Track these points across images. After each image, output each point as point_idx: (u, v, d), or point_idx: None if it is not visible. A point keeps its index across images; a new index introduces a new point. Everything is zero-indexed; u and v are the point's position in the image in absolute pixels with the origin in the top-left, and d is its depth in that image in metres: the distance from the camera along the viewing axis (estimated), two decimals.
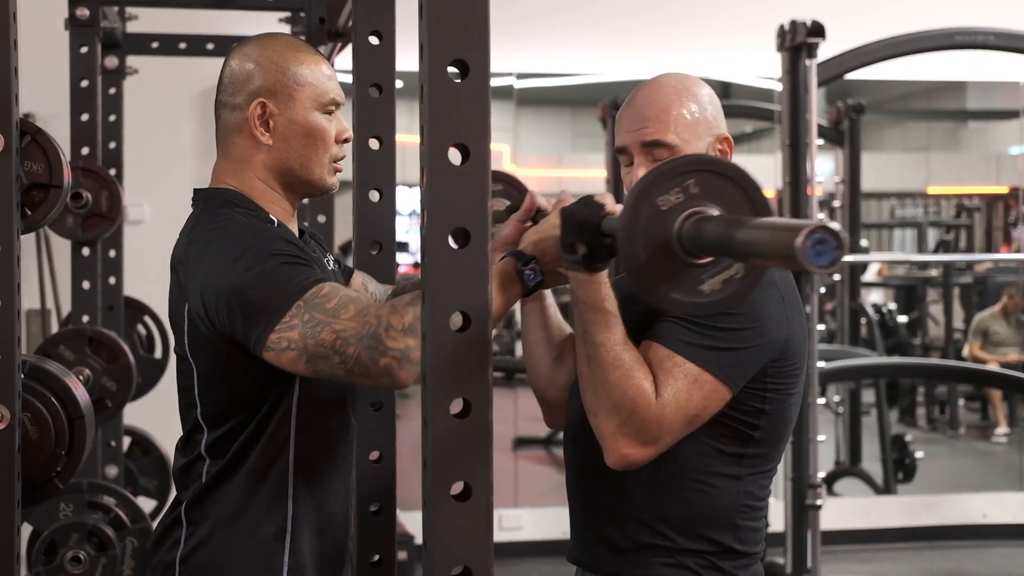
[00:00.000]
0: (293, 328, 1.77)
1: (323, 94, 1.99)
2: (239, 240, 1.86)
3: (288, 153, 1.99)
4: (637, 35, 6.72)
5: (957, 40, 5.14)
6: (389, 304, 1.75)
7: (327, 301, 1.77)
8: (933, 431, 9.93)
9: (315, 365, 1.78)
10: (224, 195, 2.00)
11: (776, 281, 1.98)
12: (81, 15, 3.48)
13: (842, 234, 1.14)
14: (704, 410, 1.90)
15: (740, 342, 1.91)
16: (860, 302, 7.85)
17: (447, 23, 1.27)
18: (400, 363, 1.72)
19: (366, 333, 1.73)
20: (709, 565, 1.99)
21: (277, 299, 1.78)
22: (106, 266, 3.76)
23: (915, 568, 6.11)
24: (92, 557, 3.13)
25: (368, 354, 1.73)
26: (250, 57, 2.00)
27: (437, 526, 1.30)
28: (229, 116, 2.01)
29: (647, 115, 2.03)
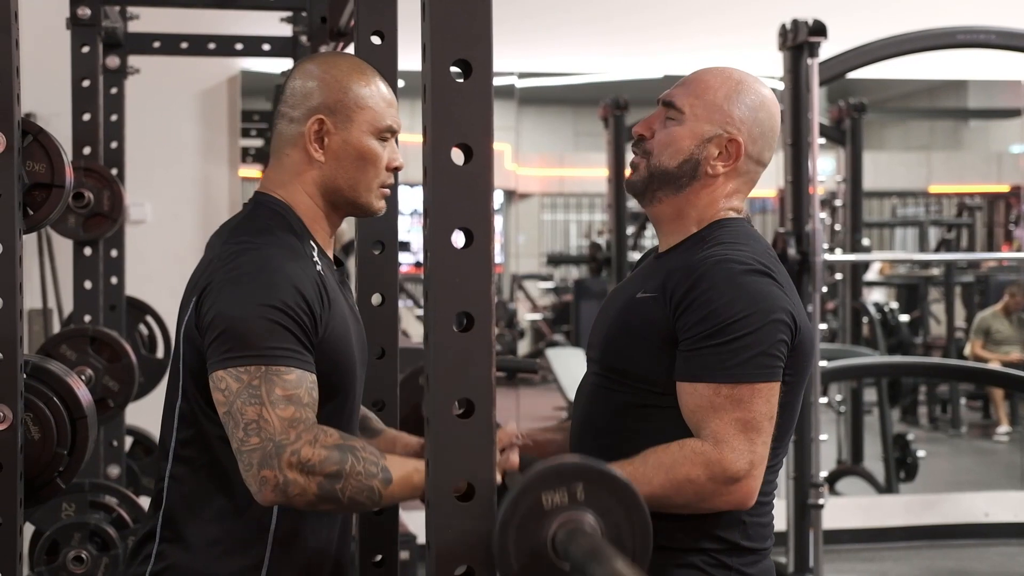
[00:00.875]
0: (239, 381, 1.79)
1: (380, 119, 1.98)
2: (262, 270, 1.86)
3: (338, 173, 1.98)
4: (639, 34, 6.72)
5: (958, 39, 5.13)
6: (315, 433, 1.76)
7: (281, 386, 1.78)
8: (935, 430, 9.93)
9: (226, 422, 1.81)
10: (276, 205, 1.99)
11: (768, 271, 1.98)
12: (82, 15, 3.48)
13: None
14: (772, 411, 1.94)
15: (766, 339, 1.93)
16: (862, 301, 7.84)
17: (449, 23, 1.27)
18: (273, 487, 1.74)
19: (277, 440, 1.75)
20: (717, 563, 1.99)
21: (249, 348, 1.80)
22: (108, 266, 3.76)
23: (917, 567, 6.11)
24: (94, 557, 3.13)
25: (260, 456, 1.75)
26: (314, 74, 2.00)
27: (440, 526, 1.30)
28: (286, 128, 2.00)
29: (688, 81, 2.09)
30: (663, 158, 2.06)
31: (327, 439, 1.76)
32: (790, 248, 4.69)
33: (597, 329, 2.15)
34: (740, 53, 6.80)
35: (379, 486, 1.75)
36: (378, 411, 2.19)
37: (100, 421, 3.10)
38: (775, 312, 1.94)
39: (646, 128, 2.09)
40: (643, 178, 2.08)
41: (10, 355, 1.94)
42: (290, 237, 1.94)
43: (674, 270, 2.00)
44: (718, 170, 2.06)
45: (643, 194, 2.10)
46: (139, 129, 4.71)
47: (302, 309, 1.84)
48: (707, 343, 1.92)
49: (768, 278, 1.97)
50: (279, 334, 1.81)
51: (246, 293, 1.83)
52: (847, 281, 7.47)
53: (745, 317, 1.92)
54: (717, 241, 2.03)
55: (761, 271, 1.97)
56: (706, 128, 2.05)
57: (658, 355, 1.99)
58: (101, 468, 3.73)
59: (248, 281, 1.84)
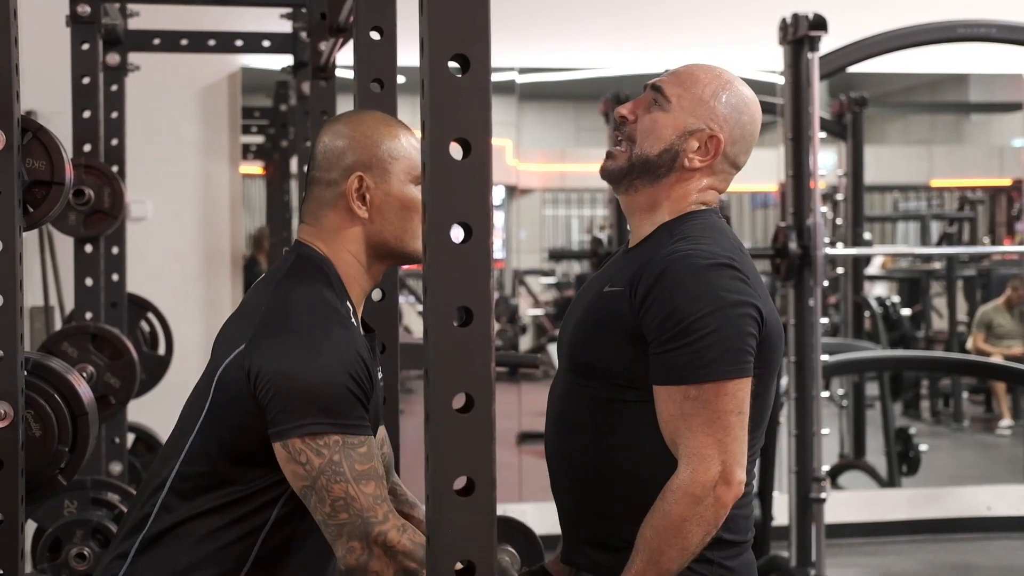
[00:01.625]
0: (320, 455, 1.81)
1: (415, 167, 2.00)
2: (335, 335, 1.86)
3: (384, 226, 1.99)
4: (640, 29, 6.72)
5: (959, 33, 5.13)
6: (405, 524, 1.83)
7: (360, 461, 1.82)
8: (937, 424, 9.93)
9: (307, 495, 1.83)
10: (319, 261, 1.99)
11: (733, 264, 1.97)
12: (82, 12, 3.48)
13: None
14: (742, 404, 1.94)
15: (732, 334, 1.92)
16: (863, 295, 7.84)
17: (448, 18, 1.27)
18: (357, 557, 1.80)
19: (366, 517, 1.80)
20: (699, 557, 1.99)
21: (328, 417, 1.81)
22: (109, 263, 3.77)
23: (919, 561, 6.11)
24: (97, 554, 3.13)
25: (350, 529, 1.80)
26: (343, 134, 2.01)
27: (439, 521, 1.30)
28: (324, 192, 2.00)
29: (680, 72, 2.10)
30: (644, 145, 2.06)
31: (415, 536, 1.82)
32: (791, 242, 4.69)
33: (567, 324, 2.16)
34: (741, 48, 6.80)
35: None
36: None
37: (102, 418, 3.10)
38: (740, 305, 1.94)
39: (630, 111, 2.09)
40: (622, 166, 2.08)
41: (11, 352, 1.95)
42: (331, 294, 1.95)
43: (640, 265, 2.00)
44: (695, 164, 2.07)
45: (620, 182, 2.10)
46: (140, 126, 4.71)
47: (364, 375, 1.86)
48: (672, 343, 1.92)
49: (732, 270, 1.96)
50: (352, 403, 1.84)
51: (316, 359, 1.83)
52: (849, 275, 7.47)
53: (709, 314, 1.91)
54: (682, 236, 2.02)
55: (725, 264, 1.96)
56: (689, 121, 2.06)
57: (623, 350, 1.98)
58: (103, 465, 3.73)
59: (313, 346, 1.84)
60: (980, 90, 13.65)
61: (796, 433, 4.79)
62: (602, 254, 7.23)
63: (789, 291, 4.83)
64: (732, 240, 2.06)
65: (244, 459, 1.90)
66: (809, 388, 4.72)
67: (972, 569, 6.02)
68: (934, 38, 5.15)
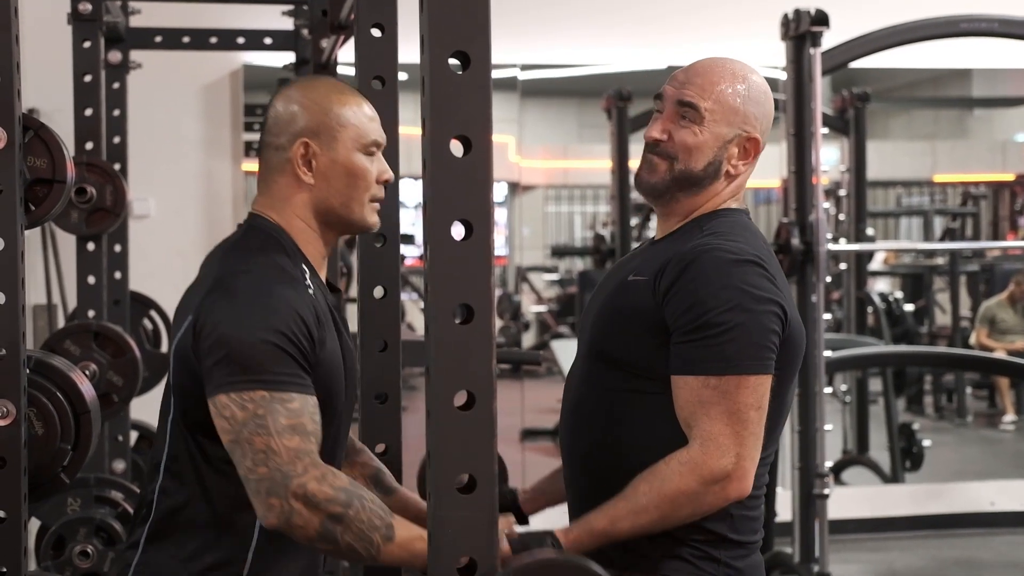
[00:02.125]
0: (244, 410, 1.80)
1: (365, 135, 2.00)
2: (262, 293, 1.87)
3: (330, 192, 1.99)
4: (642, 25, 6.71)
5: (962, 27, 5.12)
6: (324, 471, 1.78)
7: (285, 415, 1.80)
8: (940, 419, 9.92)
9: (233, 451, 1.82)
10: (270, 228, 2.00)
11: (760, 262, 1.98)
12: (84, 10, 3.48)
13: None
14: (761, 401, 1.94)
15: (755, 329, 1.93)
16: (866, 291, 7.83)
17: (448, 15, 1.27)
18: (278, 514, 1.76)
19: (284, 471, 1.77)
20: (704, 555, 1.99)
21: (251, 373, 1.81)
22: (111, 261, 3.77)
23: (923, 557, 6.11)
24: (100, 551, 3.14)
25: (268, 485, 1.77)
26: (294, 99, 2.01)
27: (441, 518, 1.30)
28: (273, 156, 2.01)
29: (696, 80, 2.08)
30: (689, 163, 2.07)
31: (336, 480, 1.78)
32: (794, 238, 4.69)
33: (588, 312, 2.17)
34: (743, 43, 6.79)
35: (379, 540, 1.76)
36: (380, 404, 2.19)
37: (104, 416, 3.10)
38: (765, 303, 1.94)
39: (661, 132, 2.09)
40: (665, 181, 2.08)
41: (13, 350, 1.95)
42: (284, 259, 1.95)
43: (667, 257, 2.00)
44: (739, 169, 2.10)
45: (661, 196, 2.11)
46: (142, 124, 4.71)
47: (302, 333, 1.86)
48: (695, 335, 1.93)
49: (760, 268, 1.97)
50: (281, 360, 1.82)
51: (247, 317, 1.84)
52: (851, 271, 7.46)
53: (734, 307, 1.92)
54: (712, 231, 2.03)
55: (753, 261, 1.97)
56: (725, 131, 2.07)
57: (644, 339, 1.99)
58: (106, 463, 3.73)
59: (247, 305, 1.85)
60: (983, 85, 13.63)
61: (799, 429, 4.79)
62: (605, 250, 7.23)
63: (792, 287, 4.83)
64: (760, 239, 2.07)
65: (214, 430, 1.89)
66: (812, 384, 4.72)
67: (976, 564, 6.02)
68: (937, 33, 5.15)
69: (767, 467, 2.06)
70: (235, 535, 1.93)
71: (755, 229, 2.09)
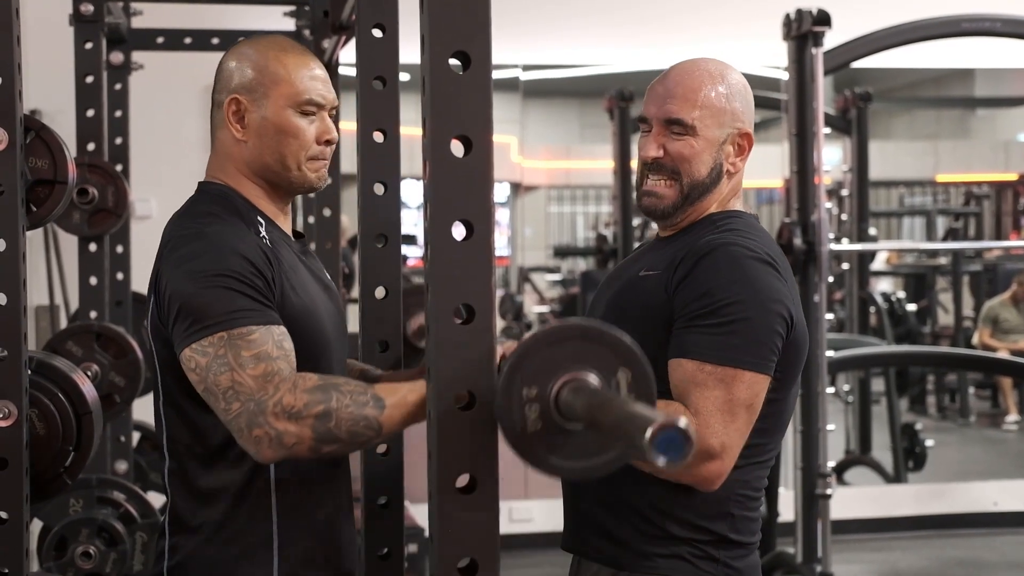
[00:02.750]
0: (206, 355, 1.80)
1: (299, 93, 1.99)
2: (205, 246, 1.88)
3: (262, 150, 2.00)
4: (643, 25, 6.71)
5: (964, 27, 5.12)
6: (293, 380, 1.77)
7: (247, 348, 1.80)
8: (943, 419, 9.92)
9: (207, 399, 1.82)
10: (216, 189, 2.01)
11: (773, 262, 1.98)
12: (85, 11, 3.48)
13: (690, 433, 1.12)
14: (754, 399, 1.93)
15: (759, 327, 1.93)
16: (869, 291, 7.83)
17: (448, 15, 1.27)
18: (269, 442, 1.75)
19: (257, 398, 1.76)
20: (704, 555, 1.99)
21: (206, 319, 1.81)
22: (113, 262, 3.77)
23: (926, 557, 6.10)
24: (102, 552, 3.14)
25: (246, 418, 1.76)
26: (236, 55, 2.03)
27: (443, 519, 1.30)
28: (215, 113, 2.04)
29: (676, 92, 2.07)
30: (694, 172, 2.07)
31: (306, 383, 1.76)
32: (796, 238, 4.69)
33: (595, 308, 2.17)
34: (744, 43, 6.79)
35: (374, 413, 1.75)
36: None
37: (106, 417, 3.10)
38: (774, 303, 1.94)
39: (657, 150, 2.08)
40: (676, 203, 2.08)
41: (15, 351, 1.95)
42: (232, 217, 1.96)
43: (680, 250, 2.00)
44: (738, 166, 2.10)
45: (672, 215, 2.10)
46: (143, 125, 4.71)
47: (251, 272, 1.86)
48: (700, 322, 1.93)
49: (772, 269, 1.97)
50: (231, 298, 1.82)
51: (190, 271, 1.85)
52: (854, 271, 7.46)
53: (742, 301, 1.92)
54: (728, 228, 2.04)
55: (766, 261, 1.97)
56: (717, 133, 2.07)
57: (652, 336, 1.98)
58: (108, 464, 3.73)
59: (192, 259, 1.86)
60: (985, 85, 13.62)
61: (801, 429, 4.78)
62: (607, 250, 7.23)
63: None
64: (773, 242, 2.08)
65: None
66: (814, 384, 4.72)
67: (979, 565, 6.02)
68: (939, 33, 5.14)
69: (767, 469, 2.06)
70: (253, 497, 1.93)
71: (766, 232, 2.10)
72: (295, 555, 1.95)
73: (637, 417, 1.16)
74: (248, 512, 1.93)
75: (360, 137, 2.16)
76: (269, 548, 1.94)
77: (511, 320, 9.36)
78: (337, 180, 3.60)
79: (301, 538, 1.96)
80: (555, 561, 5.75)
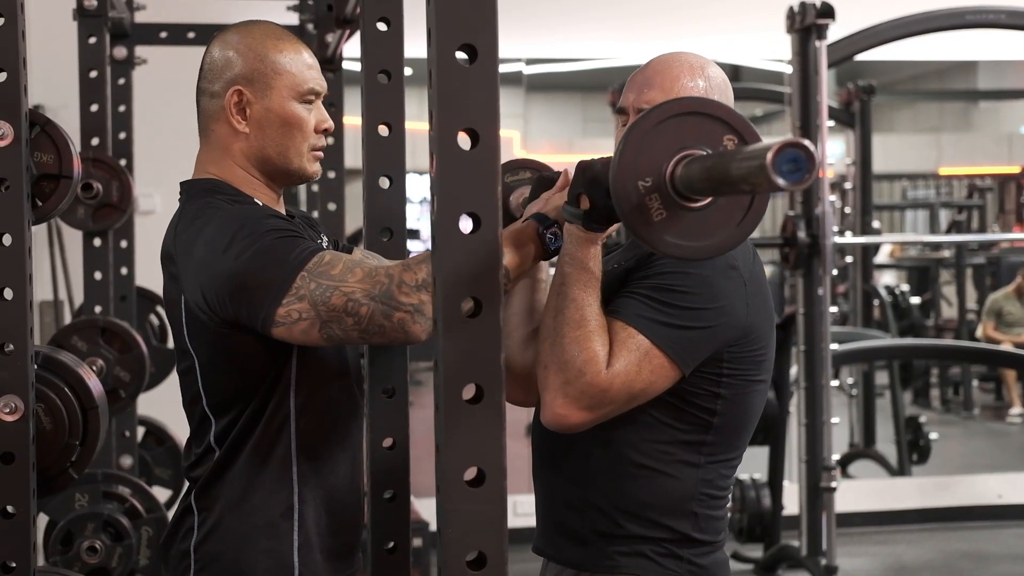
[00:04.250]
0: (302, 299, 1.78)
1: (301, 83, 1.99)
2: (228, 225, 1.87)
3: (265, 141, 1.99)
4: (646, 19, 6.71)
5: (968, 19, 5.12)
6: (400, 263, 1.78)
7: (331, 268, 1.79)
8: (947, 412, 9.92)
9: (329, 331, 1.79)
10: (206, 184, 2.01)
11: (739, 266, 1.95)
12: (89, 5, 3.48)
13: (812, 149, 1.12)
14: (650, 386, 1.89)
15: (696, 321, 1.90)
16: (872, 284, 7.83)
17: (454, 7, 1.27)
18: (414, 317, 1.74)
19: (377, 292, 1.75)
20: (667, 553, 1.97)
21: (279, 274, 1.79)
22: (118, 256, 3.77)
23: (930, 549, 6.10)
24: (108, 547, 3.14)
25: (381, 310, 1.75)
26: (230, 44, 2.01)
27: (450, 512, 1.30)
28: (208, 103, 2.01)
29: (654, 81, 2.04)
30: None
31: (410, 261, 1.77)
32: (800, 231, 4.69)
33: None
34: (748, 36, 6.79)
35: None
36: (388, 398, 2.19)
37: (112, 412, 3.10)
38: (718, 303, 1.91)
39: None
40: None
41: (21, 346, 1.95)
42: (231, 203, 1.95)
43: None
44: None
45: None
46: (147, 120, 4.71)
47: (283, 223, 1.87)
48: (642, 294, 1.89)
49: (733, 271, 1.94)
50: (283, 245, 1.82)
51: (234, 250, 1.82)
52: (857, 264, 7.46)
53: (687, 294, 1.88)
54: None
55: (728, 264, 1.93)
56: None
57: None
58: (113, 459, 3.74)
59: (225, 237, 1.84)
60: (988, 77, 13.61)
61: (806, 422, 4.79)
62: (610, 244, 7.23)
63: (798, 280, 4.82)
64: (747, 244, 2.04)
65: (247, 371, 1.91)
66: (818, 377, 4.72)
67: (983, 557, 6.02)
68: (942, 25, 5.14)
69: (732, 469, 2.03)
70: (274, 466, 1.95)
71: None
72: (311, 525, 1.98)
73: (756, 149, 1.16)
74: (271, 482, 1.96)
75: (365, 131, 2.16)
76: (289, 518, 1.97)
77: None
78: (341, 175, 3.60)
79: (316, 507, 1.99)
80: None
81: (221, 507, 1.97)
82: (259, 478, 1.96)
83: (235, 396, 1.96)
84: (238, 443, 1.96)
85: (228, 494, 1.97)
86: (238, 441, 1.96)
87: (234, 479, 1.96)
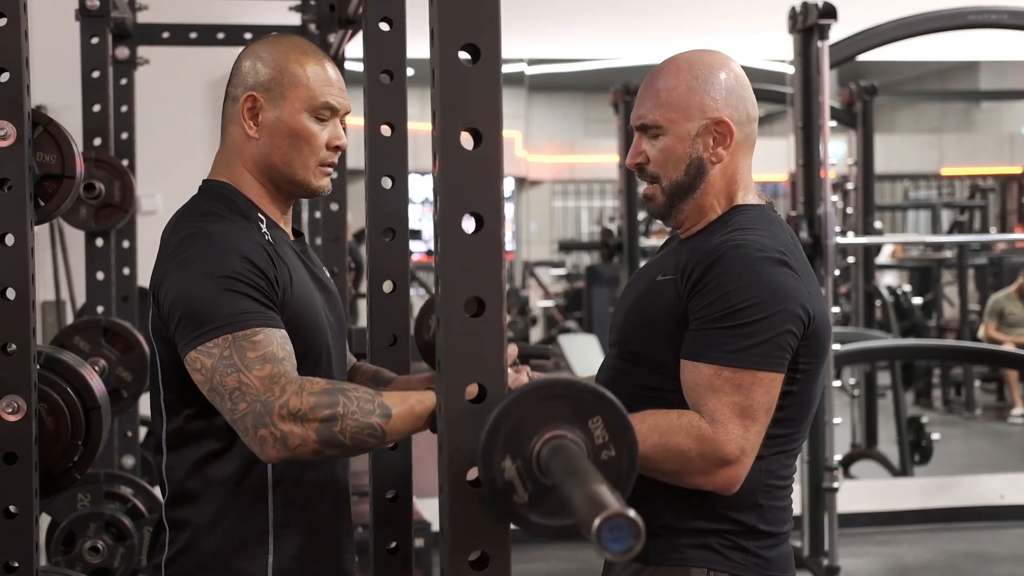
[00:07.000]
0: (211, 356, 1.82)
1: (316, 97, 2.00)
2: (207, 247, 1.89)
3: (272, 150, 2.01)
4: (648, 19, 6.71)
5: (970, 20, 5.11)
6: (300, 383, 1.78)
7: (252, 349, 1.81)
8: (949, 413, 9.92)
9: (213, 400, 1.83)
10: (219, 187, 2.02)
11: (785, 260, 1.98)
12: (91, 6, 3.48)
13: (638, 523, 1.11)
14: (771, 402, 1.94)
15: (775, 328, 1.93)
16: (874, 284, 7.83)
17: (457, 7, 1.27)
18: (273, 443, 1.76)
19: (263, 399, 1.77)
20: (734, 545, 1.99)
21: (211, 322, 1.83)
22: (120, 256, 3.77)
23: (932, 550, 6.10)
24: (110, 547, 3.14)
25: (252, 419, 1.77)
26: (256, 54, 2.04)
27: (453, 512, 1.30)
28: (229, 106, 2.04)
29: (644, 96, 2.08)
30: (670, 174, 2.06)
31: (313, 386, 1.77)
32: (802, 231, 4.69)
33: (618, 312, 2.18)
34: (750, 36, 6.79)
35: (379, 422, 1.76)
36: None
37: (114, 412, 3.10)
38: (786, 303, 1.94)
39: (634, 157, 2.09)
40: (663, 204, 2.09)
41: (24, 346, 1.95)
42: (234, 215, 1.97)
43: (694, 253, 2.00)
44: (721, 155, 2.06)
45: (668, 215, 2.11)
46: (150, 120, 4.71)
47: (253, 273, 1.87)
48: (715, 325, 1.93)
49: (784, 267, 1.96)
50: (236, 300, 1.84)
51: (196, 272, 1.86)
52: (859, 264, 7.46)
53: (755, 304, 1.92)
54: (737, 226, 2.02)
55: (777, 259, 1.96)
56: (688, 127, 2.05)
57: (672, 339, 1.99)
58: (116, 459, 3.74)
59: (195, 261, 1.87)
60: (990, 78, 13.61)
61: None
62: (612, 245, 7.23)
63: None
64: (786, 232, 2.06)
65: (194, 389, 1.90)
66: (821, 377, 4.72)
67: (985, 557, 6.01)
68: (944, 25, 5.14)
69: (794, 458, 2.07)
70: (249, 489, 1.95)
71: (780, 220, 2.09)
72: (289, 549, 1.97)
73: (594, 500, 1.14)
74: (245, 506, 1.95)
75: (368, 131, 2.16)
76: (264, 542, 1.96)
77: (516, 315, 9.36)
78: (343, 175, 3.60)
79: (297, 532, 1.98)
80: (561, 556, 5.76)
81: (192, 527, 1.96)
82: (233, 500, 1.95)
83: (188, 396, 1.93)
84: (209, 461, 1.95)
85: (199, 515, 1.96)
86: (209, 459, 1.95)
87: (205, 500, 1.96)
